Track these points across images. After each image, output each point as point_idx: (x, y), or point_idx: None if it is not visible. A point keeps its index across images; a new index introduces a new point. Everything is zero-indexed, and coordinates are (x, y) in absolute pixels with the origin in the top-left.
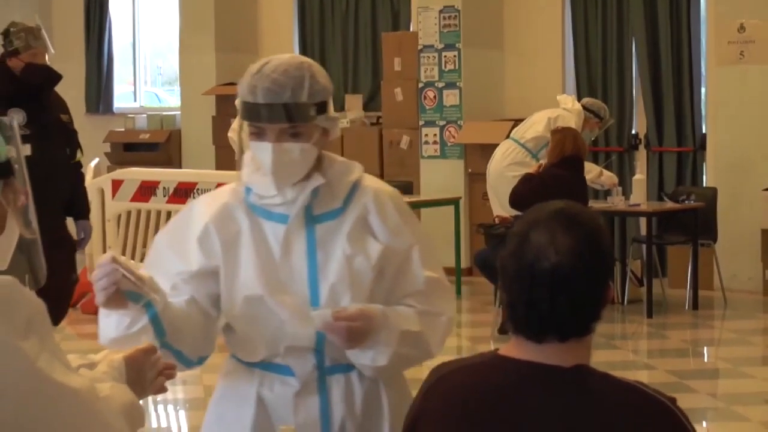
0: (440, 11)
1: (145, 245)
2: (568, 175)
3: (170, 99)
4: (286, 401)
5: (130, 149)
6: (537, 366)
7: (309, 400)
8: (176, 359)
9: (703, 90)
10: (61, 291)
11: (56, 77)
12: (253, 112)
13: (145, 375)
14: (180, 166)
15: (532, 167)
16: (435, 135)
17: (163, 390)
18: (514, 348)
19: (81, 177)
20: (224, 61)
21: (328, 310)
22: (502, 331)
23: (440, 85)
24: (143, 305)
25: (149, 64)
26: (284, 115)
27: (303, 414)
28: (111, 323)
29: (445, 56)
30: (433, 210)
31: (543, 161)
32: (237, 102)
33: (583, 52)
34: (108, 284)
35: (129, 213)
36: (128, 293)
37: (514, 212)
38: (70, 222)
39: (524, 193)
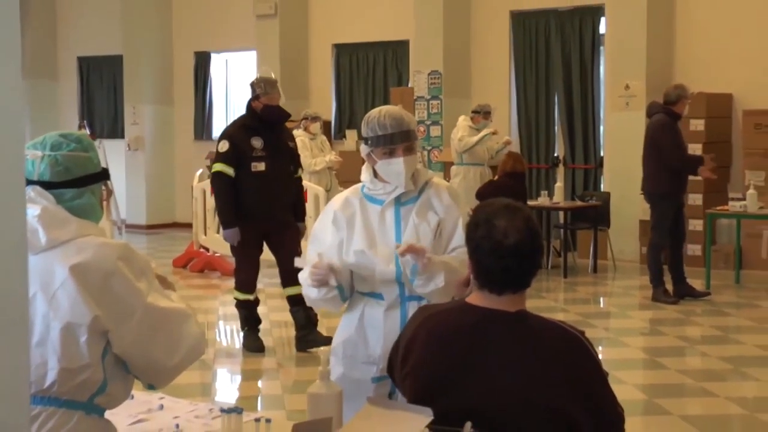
0: (428, 74)
1: None
2: (512, 183)
3: None
4: (378, 315)
5: None
6: (493, 311)
7: (393, 315)
8: (341, 299)
9: (601, 127)
10: (291, 253)
11: (286, 115)
12: (387, 139)
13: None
14: None
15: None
16: (424, 156)
17: None
18: (478, 298)
19: (301, 188)
20: (286, 105)
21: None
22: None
23: (428, 122)
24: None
25: (235, 107)
26: (408, 136)
27: (389, 323)
28: (313, 291)
29: (431, 103)
30: None
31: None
32: (366, 137)
33: (523, 100)
34: (321, 280)
35: None
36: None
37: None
38: None
39: (486, 193)
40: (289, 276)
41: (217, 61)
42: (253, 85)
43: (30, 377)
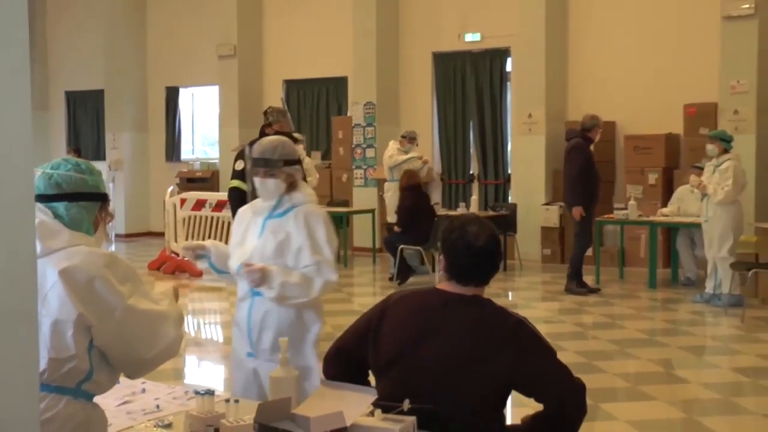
0: (364, 105)
1: (200, 236)
2: (412, 194)
3: (212, 152)
4: (239, 304)
5: (190, 181)
6: (455, 293)
7: (243, 305)
8: (215, 271)
9: (509, 148)
10: None
11: (294, 141)
12: (251, 162)
13: (178, 295)
14: (218, 191)
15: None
16: (361, 173)
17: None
18: (445, 286)
19: None
20: (243, 132)
21: (246, 264)
22: (393, 278)
23: (364, 146)
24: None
25: (201, 133)
26: (265, 164)
27: (240, 312)
28: (200, 264)
29: (367, 130)
30: (360, 215)
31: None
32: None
33: (443, 126)
34: (191, 253)
35: (191, 217)
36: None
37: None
38: None
39: (401, 205)
40: None
41: (184, 95)
42: (266, 113)
43: (38, 370)
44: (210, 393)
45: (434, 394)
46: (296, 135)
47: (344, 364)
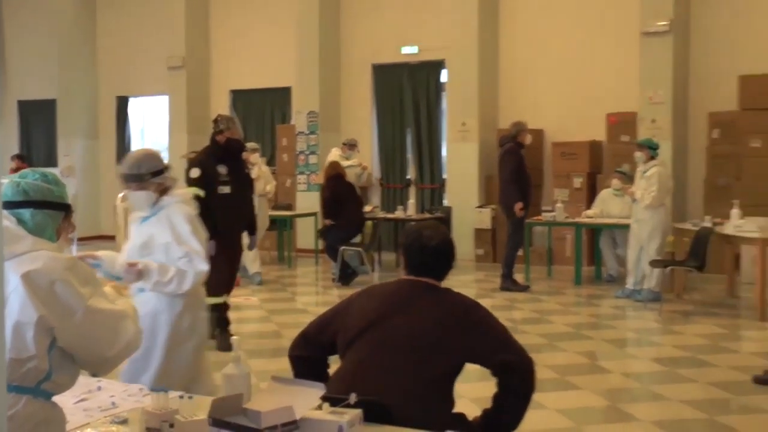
0: (307, 114)
1: None
2: (334, 183)
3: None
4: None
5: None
6: (415, 280)
7: (136, 299)
8: (111, 278)
9: (444, 154)
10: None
11: (243, 147)
12: (123, 178)
13: (122, 294)
14: None
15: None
16: (305, 179)
17: None
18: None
19: (253, 207)
20: (192, 139)
21: (129, 263)
22: (336, 279)
23: (307, 152)
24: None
25: (150, 140)
26: (127, 179)
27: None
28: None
29: (310, 137)
30: (304, 219)
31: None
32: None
33: (382, 134)
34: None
35: None
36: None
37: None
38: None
39: (328, 196)
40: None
41: (134, 104)
42: (216, 121)
43: (5, 371)
44: (165, 390)
45: (402, 366)
46: (250, 144)
47: (308, 346)
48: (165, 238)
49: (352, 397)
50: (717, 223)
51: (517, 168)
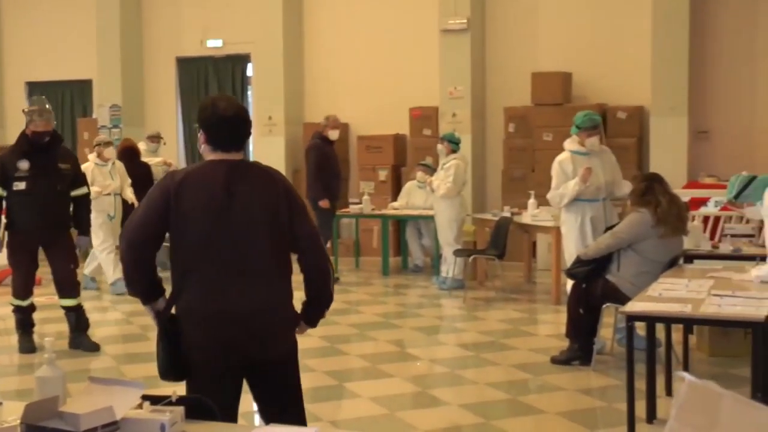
0: (110, 107)
1: None
2: (130, 164)
3: None
4: None
5: None
6: (233, 161)
7: None
8: None
9: (251, 149)
10: (63, 266)
11: (59, 140)
12: None
13: None
14: None
15: None
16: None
17: None
18: (216, 156)
19: (84, 205)
20: None
21: None
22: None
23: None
24: None
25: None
26: None
27: None
28: None
29: (112, 131)
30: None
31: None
32: None
33: (188, 128)
34: None
35: None
36: None
37: None
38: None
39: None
40: (60, 287)
41: None
42: (24, 113)
43: None
44: None
45: (251, 243)
46: (100, 138)
47: (141, 250)
48: None
49: (174, 395)
50: (515, 213)
51: (320, 162)
